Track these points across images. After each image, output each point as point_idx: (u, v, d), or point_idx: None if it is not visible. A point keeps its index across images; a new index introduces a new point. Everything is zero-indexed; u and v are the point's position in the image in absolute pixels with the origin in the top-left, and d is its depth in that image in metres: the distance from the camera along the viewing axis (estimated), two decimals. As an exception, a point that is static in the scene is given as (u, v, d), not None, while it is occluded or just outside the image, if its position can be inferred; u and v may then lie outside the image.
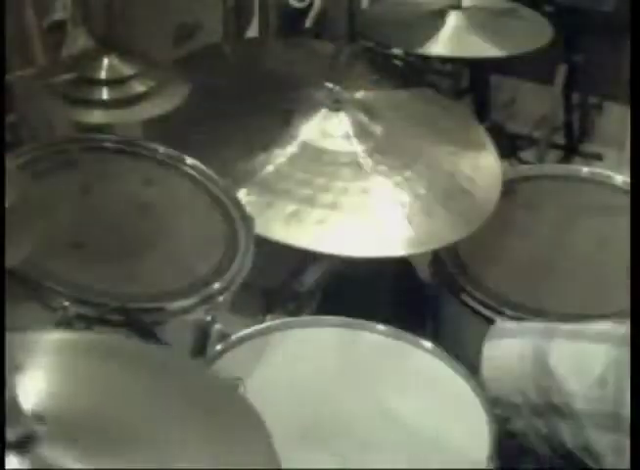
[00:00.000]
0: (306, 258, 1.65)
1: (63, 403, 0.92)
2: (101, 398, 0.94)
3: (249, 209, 1.42)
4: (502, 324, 1.34)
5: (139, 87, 1.49)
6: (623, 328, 1.19)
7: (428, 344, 1.34)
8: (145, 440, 0.90)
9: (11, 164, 1.21)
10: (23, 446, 0.84)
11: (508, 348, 1.26)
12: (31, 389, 0.91)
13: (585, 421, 1.16)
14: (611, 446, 1.14)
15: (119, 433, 0.90)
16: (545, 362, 1.20)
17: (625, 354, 1.14)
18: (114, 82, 1.48)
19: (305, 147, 1.58)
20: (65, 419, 0.89)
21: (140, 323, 1.25)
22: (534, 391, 1.21)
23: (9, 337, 0.91)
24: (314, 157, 1.57)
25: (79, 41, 1.75)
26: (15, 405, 0.85)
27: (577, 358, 1.19)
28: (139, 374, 0.98)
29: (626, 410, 1.11)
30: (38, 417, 0.87)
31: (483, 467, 1.16)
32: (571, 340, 1.22)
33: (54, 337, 1.05)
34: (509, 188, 1.67)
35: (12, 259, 0.99)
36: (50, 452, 0.85)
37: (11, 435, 0.83)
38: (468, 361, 1.32)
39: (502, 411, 1.22)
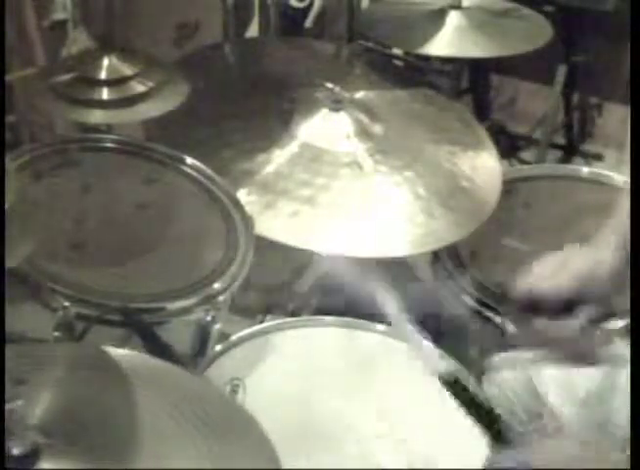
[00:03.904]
0: (306, 257, 1.65)
1: (66, 417, 0.92)
2: (101, 411, 0.95)
3: (249, 209, 1.42)
4: (496, 357, 1.36)
5: (139, 87, 1.49)
6: (608, 350, 1.24)
7: (428, 344, 1.34)
8: (147, 452, 0.90)
9: (11, 164, 1.21)
10: (28, 459, 0.84)
11: (503, 381, 1.29)
12: (36, 403, 0.91)
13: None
14: None
15: (121, 445, 0.91)
16: (535, 390, 1.24)
17: (610, 375, 1.19)
18: (114, 82, 1.48)
19: (305, 147, 1.58)
20: (68, 433, 0.90)
21: (140, 323, 1.25)
22: (528, 417, 1.24)
23: (14, 348, 0.92)
24: (314, 157, 1.57)
25: (79, 41, 1.76)
26: (20, 419, 0.85)
27: (563, 383, 1.23)
28: (140, 387, 0.98)
29: (611, 428, 1.15)
30: (43, 431, 0.87)
31: (484, 467, 1.16)
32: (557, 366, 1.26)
33: (58, 349, 1.06)
34: (509, 188, 1.67)
35: (12, 260, 0.99)
36: (54, 466, 0.86)
37: (16, 449, 0.84)
38: (468, 361, 1.32)
39: (509, 442, 1.24)
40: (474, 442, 1.19)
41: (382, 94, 1.79)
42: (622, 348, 1.25)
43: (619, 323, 1.46)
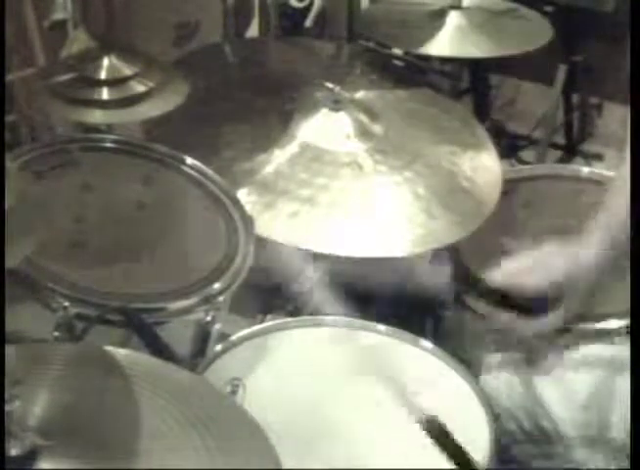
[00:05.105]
0: (306, 258, 1.65)
1: (65, 418, 0.92)
2: (101, 411, 0.95)
3: (249, 209, 1.42)
4: (492, 357, 1.36)
5: (139, 87, 1.49)
6: (610, 351, 1.23)
7: (428, 344, 1.34)
8: (147, 452, 0.90)
9: (11, 164, 1.21)
10: (27, 460, 0.84)
11: (499, 379, 1.29)
12: (35, 403, 0.91)
13: (573, 443, 1.19)
14: (599, 465, 1.17)
15: (121, 445, 0.91)
16: (532, 390, 1.23)
17: (609, 379, 1.17)
18: (114, 82, 1.48)
19: (305, 147, 1.58)
20: (67, 434, 0.90)
21: (140, 323, 1.25)
22: (525, 417, 1.24)
23: (14, 348, 0.92)
24: (314, 157, 1.57)
25: (79, 41, 1.75)
26: (18, 420, 0.85)
27: (562, 385, 1.22)
28: (139, 387, 0.98)
29: (611, 432, 1.15)
30: (42, 432, 0.87)
31: (483, 467, 1.16)
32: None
33: (57, 349, 1.06)
34: (509, 188, 1.67)
35: (12, 260, 0.99)
36: (52, 466, 0.86)
37: (14, 450, 0.84)
38: (468, 361, 1.32)
39: (501, 439, 1.24)
40: (474, 441, 1.19)
41: (382, 94, 1.79)
42: (621, 350, 1.24)
43: (613, 324, 1.46)
